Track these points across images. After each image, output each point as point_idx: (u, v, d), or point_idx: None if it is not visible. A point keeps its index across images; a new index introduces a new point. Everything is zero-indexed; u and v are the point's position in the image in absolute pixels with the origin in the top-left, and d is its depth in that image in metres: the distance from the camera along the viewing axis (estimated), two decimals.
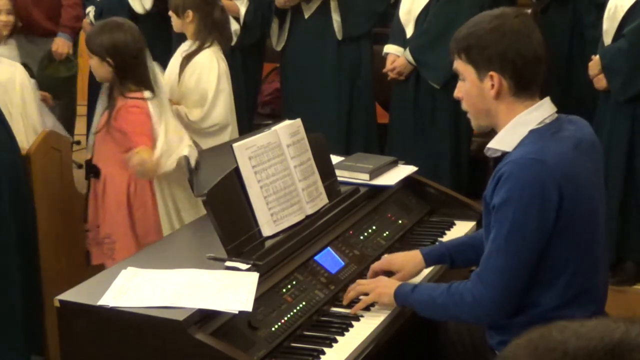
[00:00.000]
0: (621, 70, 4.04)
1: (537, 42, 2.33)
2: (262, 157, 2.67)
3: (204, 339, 2.16)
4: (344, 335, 2.42)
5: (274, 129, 2.78)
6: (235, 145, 2.63)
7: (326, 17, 4.95)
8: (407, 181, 3.29)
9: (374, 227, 3.01)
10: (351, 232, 2.91)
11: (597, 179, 2.39)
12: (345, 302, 2.56)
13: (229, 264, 2.47)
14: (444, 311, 2.40)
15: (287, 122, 2.88)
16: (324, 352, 2.33)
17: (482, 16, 2.38)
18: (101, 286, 2.37)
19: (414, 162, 3.41)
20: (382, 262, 2.72)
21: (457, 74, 2.42)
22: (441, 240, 3.07)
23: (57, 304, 2.34)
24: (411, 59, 4.65)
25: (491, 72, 2.31)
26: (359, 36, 5.00)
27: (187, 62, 3.99)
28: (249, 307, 2.25)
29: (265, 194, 2.65)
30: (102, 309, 2.27)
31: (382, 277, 2.63)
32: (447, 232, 3.15)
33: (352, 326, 2.47)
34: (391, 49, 4.76)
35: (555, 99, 2.41)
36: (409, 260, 2.70)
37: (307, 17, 5.00)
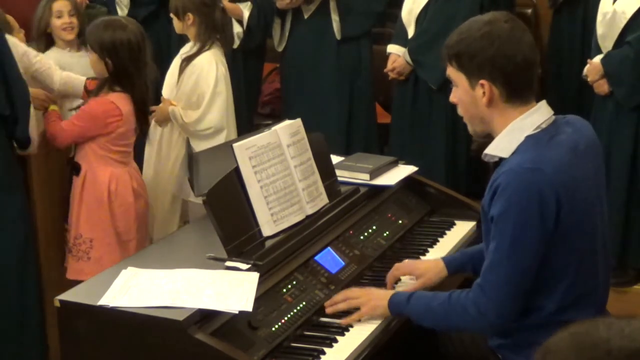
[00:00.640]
0: (628, 78, 4.02)
1: (527, 46, 2.29)
2: (262, 157, 2.67)
3: (204, 339, 2.16)
4: (344, 335, 2.42)
5: (274, 129, 2.78)
6: (235, 145, 2.63)
7: (326, 18, 4.95)
8: (407, 181, 3.29)
9: (374, 227, 3.01)
10: (351, 232, 2.91)
11: (596, 179, 2.38)
12: (329, 311, 2.50)
13: (229, 264, 2.47)
14: (443, 322, 2.39)
15: (287, 122, 2.88)
16: (324, 352, 2.33)
17: (472, 22, 2.35)
18: (101, 286, 2.37)
19: (411, 162, 3.41)
20: (405, 268, 2.71)
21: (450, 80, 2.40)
22: (441, 240, 3.07)
23: (57, 304, 2.34)
24: (409, 59, 4.66)
25: (482, 80, 2.29)
26: (359, 36, 5.01)
27: (186, 64, 3.99)
28: (249, 307, 2.25)
29: (265, 194, 2.65)
30: (102, 309, 2.27)
31: (372, 288, 2.59)
32: (447, 232, 3.15)
33: (352, 326, 2.46)
34: (393, 49, 4.77)
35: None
36: (432, 267, 2.69)
37: (306, 17, 5.00)
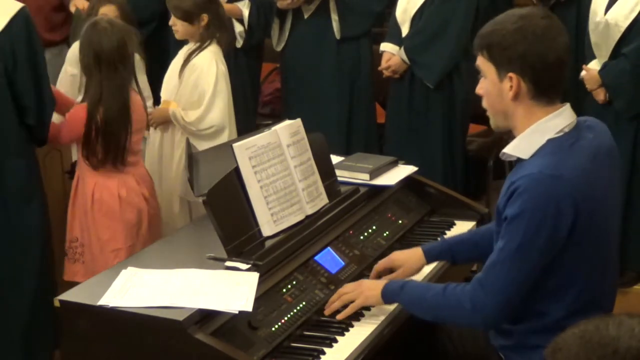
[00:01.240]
0: (626, 91, 4.03)
1: (561, 46, 2.27)
2: (262, 157, 2.67)
3: (204, 339, 2.16)
4: (344, 335, 2.42)
5: (274, 129, 2.78)
6: (235, 145, 2.63)
7: (326, 17, 4.95)
8: (407, 181, 3.29)
9: (374, 227, 3.01)
10: (351, 232, 2.91)
11: (613, 186, 2.37)
12: (327, 312, 2.51)
13: (229, 264, 2.47)
14: (435, 312, 2.38)
15: (287, 122, 2.88)
16: (324, 352, 2.33)
17: (508, 14, 2.32)
18: (101, 286, 2.37)
19: (407, 161, 3.41)
20: (385, 261, 2.72)
21: (479, 71, 2.35)
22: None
23: (57, 304, 2.34)
24: (405, 58, 4.67)
25: (510, 73, 2.26)
26: (358, 36, 5.00)
27: (187, 62, 3.98)
28: (249, 307, 2.25)
29: (265, 194, 2.65)
30: (102, 309, 2.27)
31: (364, 280, 2.61)
32: (447, 232, 3.15)
33: (352, 326, 2.47)
34: (387, 47, 4.77)
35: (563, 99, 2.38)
36: (409, 256, 2.71)
37: (306, 17, 5.00)
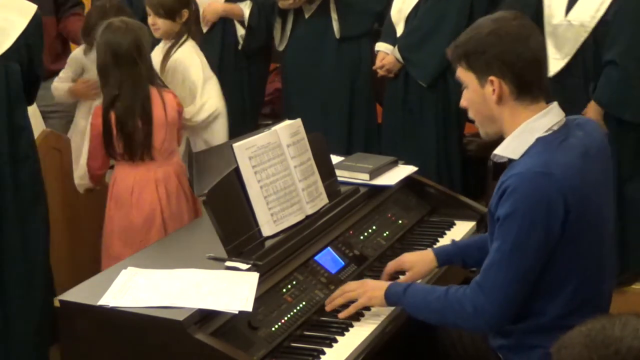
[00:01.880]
0: (631, 99, 4.02)
1: (536, 44, 2.31)
2: (262, 157, 2.67)
3: (204, 339, 2.16)
4: (344, 335, 2.42)
5: (274, 129, 2.78)
6: (235, 145, 2.63)
7: (326, 17, 4.95)
8: (407, 181, 3.29)
9: (374, 227, 3.01)
10: (351, 232, 2.91)
11: (605, 183, 2.37)
12: (328, 308, 2.51)
13: (229, 264, 2.47)
14: (438, 316, 2.39)
15: (287, 122, 2.88)
16: (324, 352, 2.33)
17: (480, 21, 2.37)
18: (101, 286, 2.37)
19: (403, 159, 3.42)
20: (396, 262, 2.72)
21: (460, 83, 2.39)
22: (441, 240, 3.07)
23: (57, 303, 2.34)
24: (399, 57, 4.68)
25: (491, 77, 2.29)
26: (358, 35, 5.00)
27: (165, 61, 3.96)
28: (249, 307, 2.25)
29: (265, 194, 2.65)
30: (102, 309, 2.27)
31: (368, 279, 2.62)
32: (447, 232, 3.15)
33: (352, 326, 2.47)
34: (381, 47, 4.79)
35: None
36: (420, 259, 2.71)
37: (307, 16, 5.00)
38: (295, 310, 2.46)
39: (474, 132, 4.99)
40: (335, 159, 3.17)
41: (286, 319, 2.41)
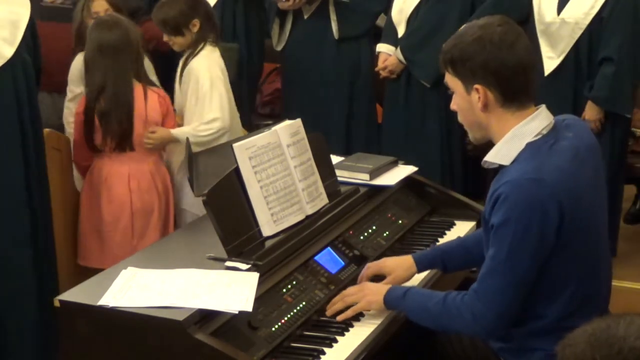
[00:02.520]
0: (622, 91, 4.04)
1: (522, 49, 2.27)
2: (262, 157, 2.67)
3: (204, 339, 2.16)
4: (344, 335, 2.42)
5: (274, 129, 2.78)
6: (235, 145, 2.63)
7: (325, 18, 4.96)
8: (407, 181, 3.29)
9: (374, 227, 3.01)
10: (351, 232, 2.91)
11: (598, 182, 2.37)
12: (329, 313, 2.51)
13: (229, 264, 2.47)
14: (437, 322, 2.39)
15: (287, 122, 2.88)
16: (324, 352, 2.33)
17: (467, 27, 2.35)
18: (101, 286, 2.37)
19: (405, 161, 3.41)
20: (375, 266, 2.70)
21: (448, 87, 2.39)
22: (441, 240, 3.07)
23: (57, 304, 2.34)
24: (402, 57, 4.68)
25: (476, 84, 2.28)
26: (358, 36, 5.01)
27: (183, 70, 3.93)
28: (249, 307, 2.25)
29: (265, 194, 2.65)
30: (102, 309, 2.27)
31: (368, 283, 2.61)
32: (447, 232, 3.15)
33: (352, 326, 2.47)
34: (383, 48, 4.80)
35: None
36: (399, 264, 2.68)
37: (306, 17, 5.01)
38: (295, 310, 2.46)
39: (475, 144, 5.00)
40: (335, 159, 3.17)
41: (286, 319, 2.41)
